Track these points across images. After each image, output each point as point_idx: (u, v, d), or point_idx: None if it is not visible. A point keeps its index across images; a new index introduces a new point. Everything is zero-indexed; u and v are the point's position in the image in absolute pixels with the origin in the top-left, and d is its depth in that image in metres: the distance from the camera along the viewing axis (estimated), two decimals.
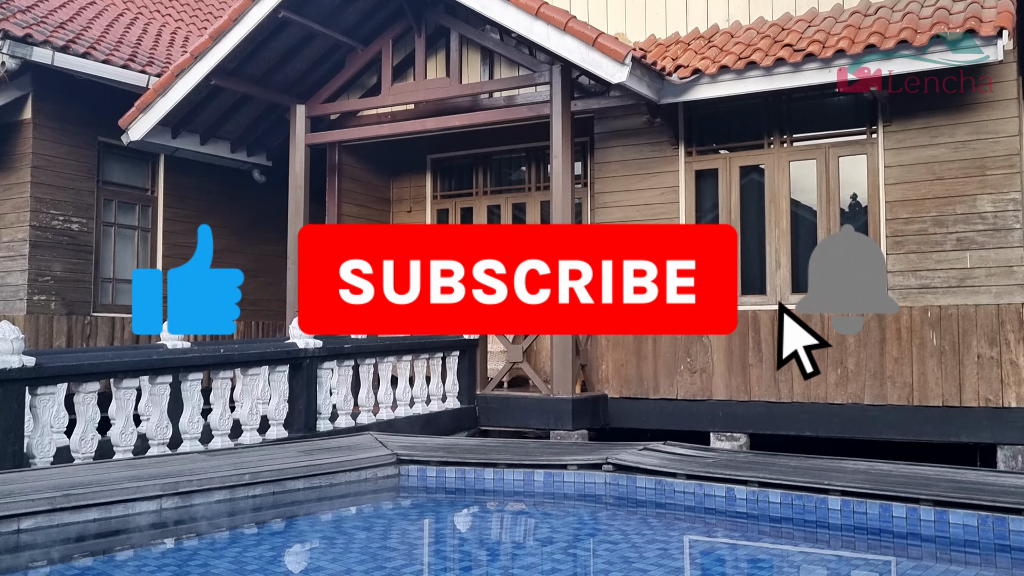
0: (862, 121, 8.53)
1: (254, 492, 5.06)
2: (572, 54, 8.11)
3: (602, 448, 5.86)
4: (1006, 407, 7.62)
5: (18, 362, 5.36)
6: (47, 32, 9.32)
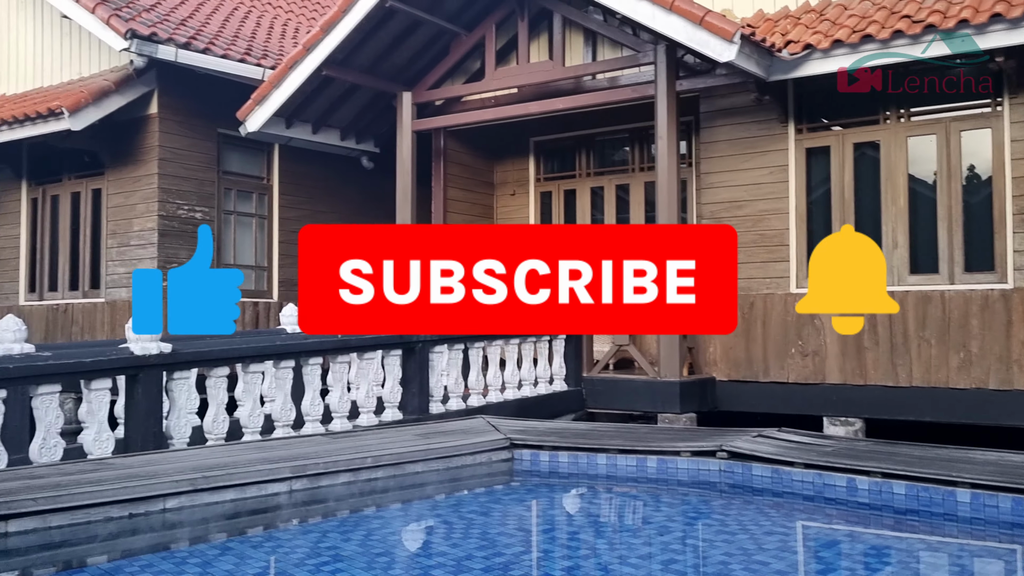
0: (986, 93, 8.11)
1: (376, 475, 5.25)
2: (678, 33, 8.00)
3: (715, 434, 5.82)
4: None
5: (156, 349, 5.71)
6: (170, 30, 9.77)
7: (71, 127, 9.66)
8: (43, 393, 5.33)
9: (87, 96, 9.70)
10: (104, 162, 10.72)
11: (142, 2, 10.44)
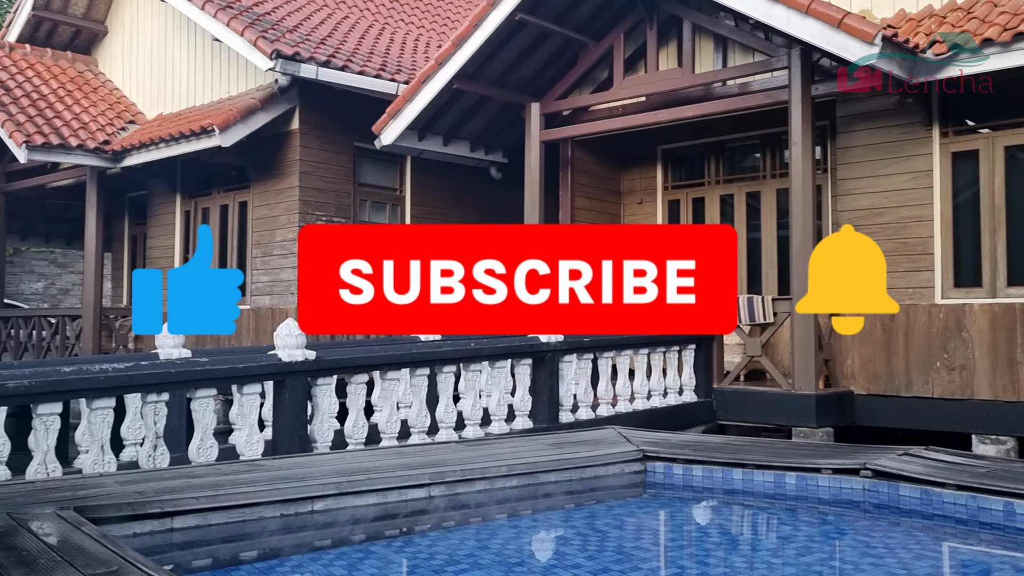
0: None
1: (510, 483, 5.33)
2: (815, 37, 7.77)
3: (857, 451, 5.62)
4: None
5: (302, 356, 5.99)
6: (311, 49, 10.23)
7: (221, 143, 10.25)
8: (201, 396, 5.68)
9: (235, 114, 10.28)
10: (250, 176, 11.32)
11: (285, 23, 10.98)
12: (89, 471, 5.16)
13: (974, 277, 8.38)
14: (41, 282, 23.44)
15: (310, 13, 12.09)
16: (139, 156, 11.86)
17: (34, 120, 12.17)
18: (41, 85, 13.22)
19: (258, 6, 11.50)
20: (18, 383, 4.87)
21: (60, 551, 3.23)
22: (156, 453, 5.55)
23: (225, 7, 10.91)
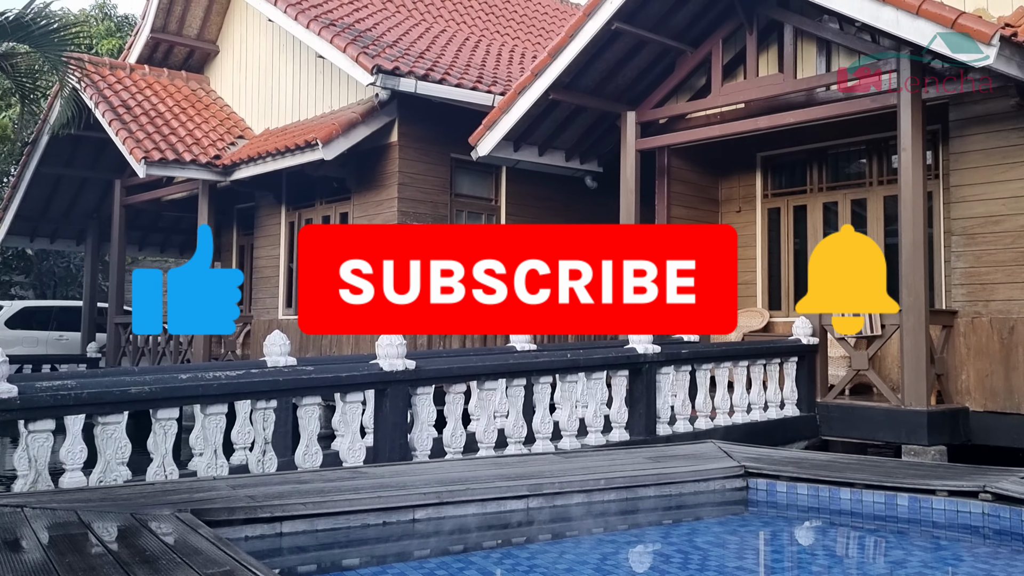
0: None
1: (608, 497, 5.29)
2: (926, 38, 7.46)
3: (974, 472, 5.35)
4: None
5: (403, 365, 6.09)
6: (410, 63, 10.44)
7: (324, 156, 10.56)
8: (307, 404, 5.85)
9: (337, 128, 10.57)
10: (350, 187, 11.62)
11: (385, 39, 11.24)
12: (203, 474, 5.38)
13: None
14: None
15: (408, 28, 12.35)
16: (247, 170, 12.33)
17: (152, 137, 12.80)
18: (158, 103, 13.90)
19: (359, 23, 11.81)
20: (140, 389, 5.12)
21: (179, 551, 3.38)
22: (265, 458, 5.74)
23: (328, 25, 11.24)
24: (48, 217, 16.73)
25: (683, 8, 9.66)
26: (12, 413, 4.64)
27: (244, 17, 14.69)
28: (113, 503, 4.24)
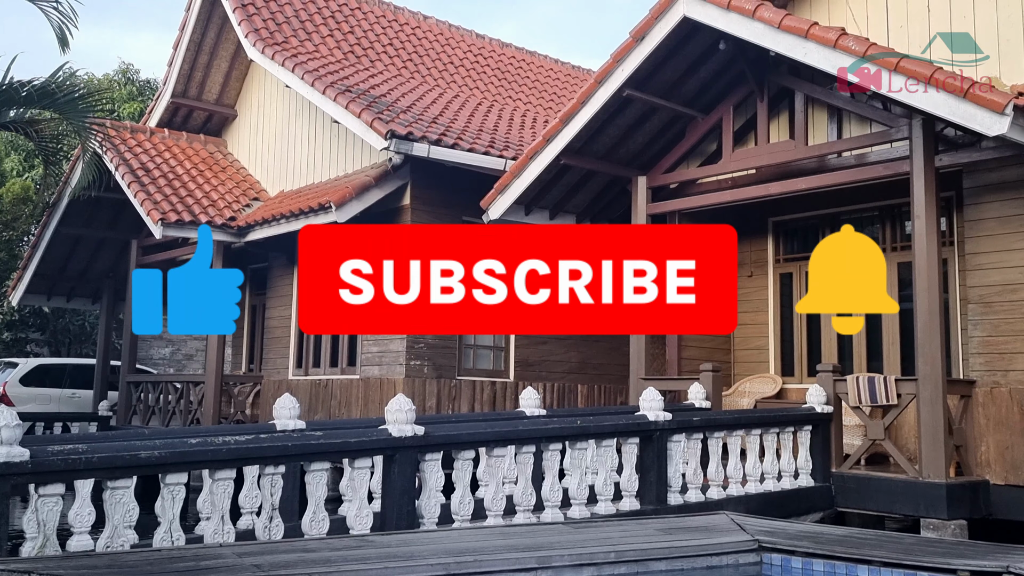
0: None
1: (619, 571, 5.15)
2: (938, 108, 7.49)
3: (997, 551, 5.19)
4: None
5: (411, 431, 6.02)
6: (423, 128, 10.58)
7: (337, 219, 10.64)
8: (315, 470, 5.77)
9: (351, 191, 10.67)
10: None
11: (399, 104, 11.41)
12: (209, 540, 5.30)
13: None
14: (168, 348, 24.68)
15: (423, 93, 12.55)
16: (261, 231, 12.44)
17: (169, 199, 12.97)
18: (176, 166, 14.12)
19: (374, 89, 12.02)
20: (149, 454, 5.08)
21: None
22: (271, 524, 5.65)
23: (344, 91, 11.44)
24: (65, 276, 16.88)
25: (694, 75, 9.79)
26: (23, 477, 4.62)
27: (262, 83, 14.99)
28: (120, 570, 4.17)
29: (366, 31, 14.61)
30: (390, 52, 14.35)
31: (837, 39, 7.89)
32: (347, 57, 13.62)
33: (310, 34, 13.80)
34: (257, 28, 13.21)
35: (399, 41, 14.79)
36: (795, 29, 8.14)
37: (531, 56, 16.71)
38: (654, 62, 9.31)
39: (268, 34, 13.22)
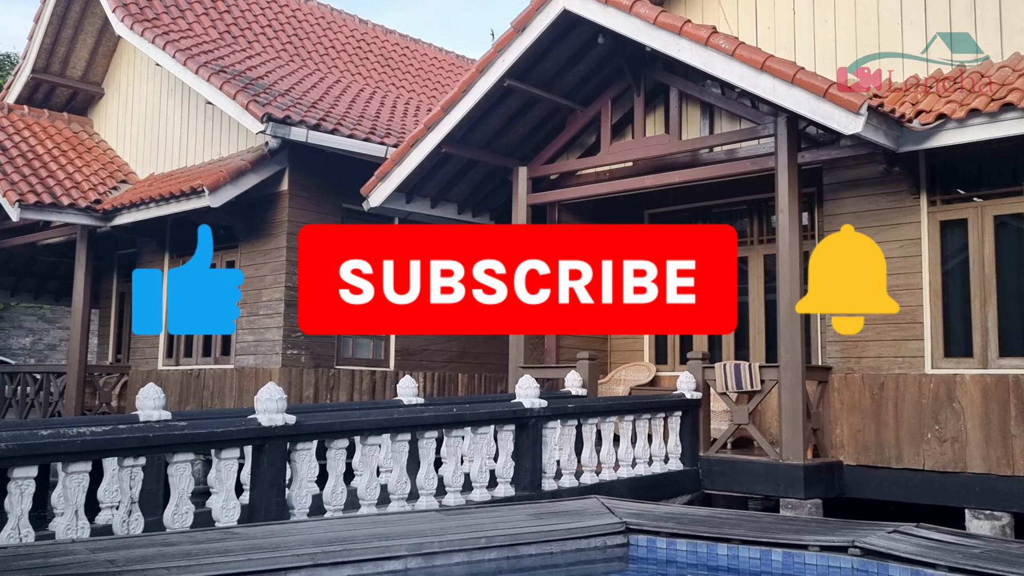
0: None
1: (489, 556, 5.18)
2: (801, 106, 7.85)
3: (845, 527, 5.50)
4: None
5: (282, 420, 5.87)
6: (302, 112, 10.32)
7: (210, 204, 10.26)
8: (178, 461, 5.55)
9: (225, 175, 10.31)
10: (238, 236, 11.31)
11: (277, 87, 11.10)
12: (62, 536, 5.02)
13: (965, 347, 8.34)
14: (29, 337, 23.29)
15: (302, 77, 12.25)
16: (129, 215, 11.88)
17: (28, 180, 12.21)
18: (36, 145, 13.29)
19: (251, 71, 11.65)
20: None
21: None
22: (131, 519, 5.41)
23: (219, 72, 11.04)
24: None
25: (574, 68, 9.91)
26: None
27: (132, 60, 14.29)
28: None
29: (243, 11, 14.13)
30: (268, 34, 13.93)
31: (708, 37, 8.15)
32: (223, 37, 13.13)
33: (183, 11, 13.24)
34: (126, 3, 12.58)
35: (278, 23, 14.38)
36: (669, 26, 8.35)
37: (415, 44, 16.56)
38: (535, 53, 9.38)
39: (138, 9, 12.60)
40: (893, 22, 9.32)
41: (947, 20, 8.99)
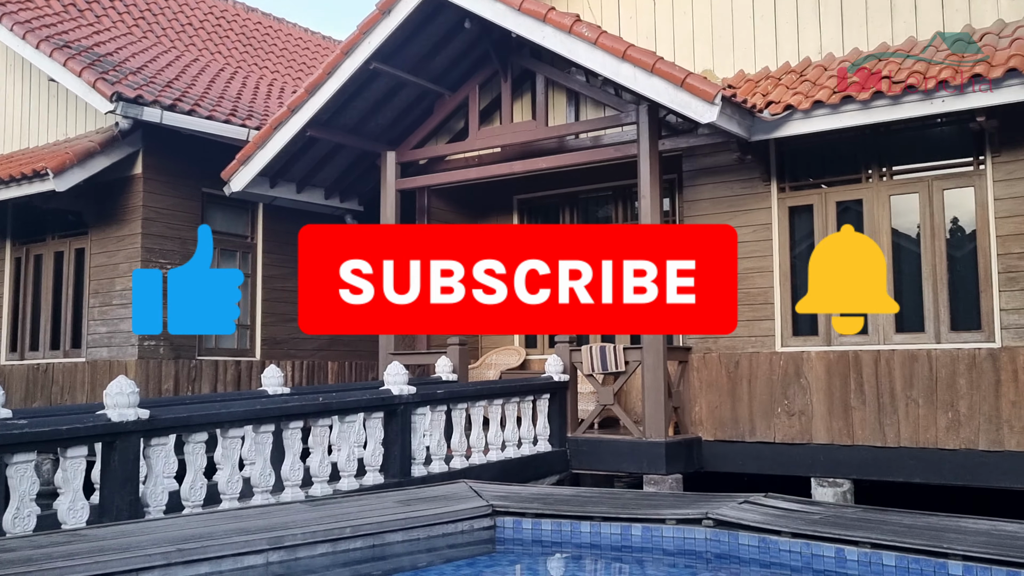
0: (968, 152, 8.21)
1: (355, 545, 5.12)
2: (660, 95, 8.09)
3: (700, 500, 5.73)
4: None
5: (134, 415, 5.60)
6: (156, 92, 9.82)
7: (55, 188, 9.64)
8: (18, 462, 5.20)
9: (72, 157, 9.70)
10: (88, 222, 10.69)
11: (129, 65, 10.52)
12: None
13: (811, 326, 8.83)
14: None
15: (156, 55, 11.66)
16: None
17: None
18: None
19: (99, 47, 11.00)
20: None
21: None
22: None
23: (63, 47, 10.36)
24: None
25: (441, 53, 9.86)
26: None
27: None
28: None
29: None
30: (119, 8, 13.16)
31: (572, 25, 8.27)
32: (67, 10, 12.32)
33: None
34: None
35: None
36: (534, 12, 8.42)
37: (279, 23, 16.04)
38: (401, 36, 9.26)
39: None
40: (746, 16, 9.72)
41: (794, 16, 9.45)
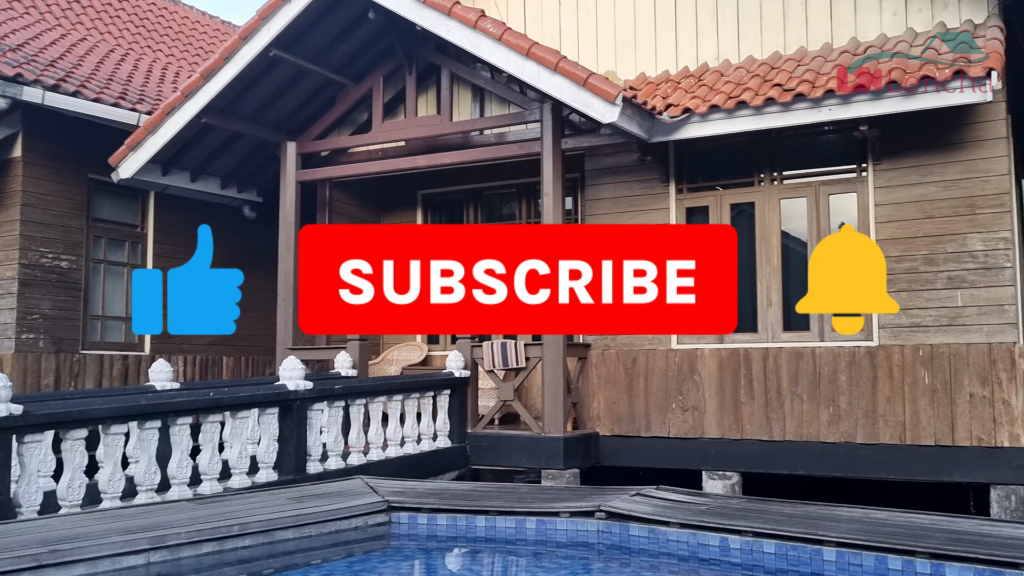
0: (852, 159, 8.58)
1: (243, 543, 4.98)
2: (563, 93, 8.15)
3: (594, 493, 5.81)
4: (999, 447, 7.61)
5: (5, 410, 5.28)
6: (37, 71, 9.31)
7: None
8: None
9: None
10: None
11: (8, 41, 9.94)
12: None
13: None
14: None
15: (40, 32, 11.05)
16: None
17: None
18: None
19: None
20: None
21: None
22: None
23: None
24: None
25: (345, 42, 9.69)
26: None
27: None
28: None
29: None
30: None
31: (477, 20, 8.25)
32: None
33: None
34: None
35: None
36: (439, 6, 8.36)
37: (175, 5, 15.45)
38: (303, 24, 9.05)
39: None
40: (648, 20, 9.90)
41: (694, 22, 9.68)
